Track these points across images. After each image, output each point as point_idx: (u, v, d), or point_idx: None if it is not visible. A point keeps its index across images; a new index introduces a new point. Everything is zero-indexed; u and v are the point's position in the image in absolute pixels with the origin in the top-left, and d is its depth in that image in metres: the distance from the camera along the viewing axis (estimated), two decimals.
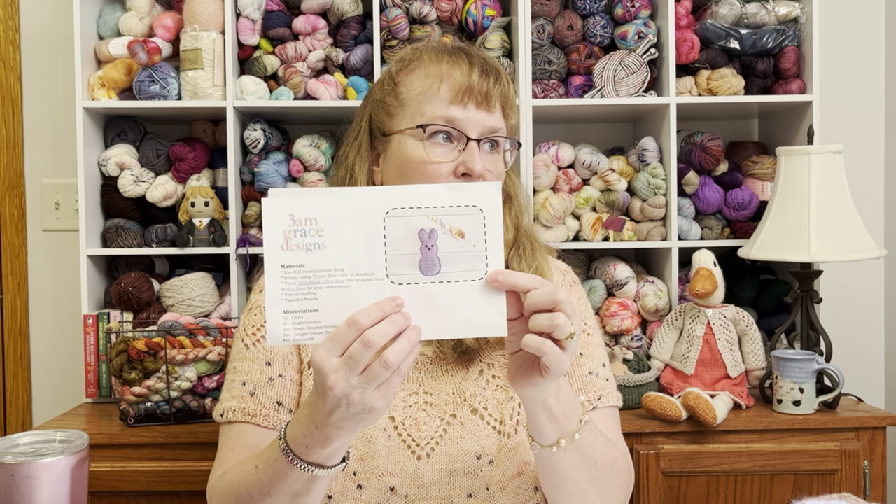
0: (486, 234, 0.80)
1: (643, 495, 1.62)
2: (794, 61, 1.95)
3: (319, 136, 1.93)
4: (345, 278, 0.78)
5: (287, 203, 0.78)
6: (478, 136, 1.05)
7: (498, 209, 0.80)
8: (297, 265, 0.78)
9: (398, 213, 0.79)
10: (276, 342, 0.78)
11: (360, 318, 0.76)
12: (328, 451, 0.82)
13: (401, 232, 0.79)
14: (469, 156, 1.04)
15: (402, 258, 0.79)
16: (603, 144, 2.07)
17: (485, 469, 1.03)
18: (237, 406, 1.06)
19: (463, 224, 0.79)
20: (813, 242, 1.70)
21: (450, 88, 1.06)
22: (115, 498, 1.62)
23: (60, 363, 2.17)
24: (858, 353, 2.22)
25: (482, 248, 0.80)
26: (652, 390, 1.73)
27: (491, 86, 1.06)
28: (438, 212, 0.79)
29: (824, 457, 1.64)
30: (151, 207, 1.94)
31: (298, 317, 0.78)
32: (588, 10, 1.95)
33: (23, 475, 0.80)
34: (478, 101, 1.05)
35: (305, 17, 1.91)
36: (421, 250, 0.79)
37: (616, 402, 1.12)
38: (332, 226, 0.78)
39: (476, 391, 1.07)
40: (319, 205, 0.78)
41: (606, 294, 1.95)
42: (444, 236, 0.79)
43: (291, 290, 0.78)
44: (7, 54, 2.15)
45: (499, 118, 1.08)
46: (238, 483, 0.93)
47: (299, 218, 0.78)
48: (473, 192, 0.80)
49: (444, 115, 1.05)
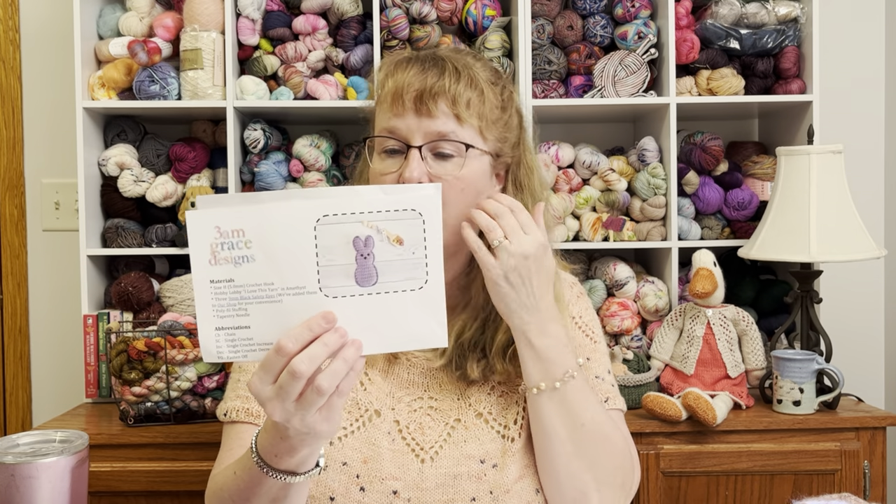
0: (425, 239, 0.75)
1: (643, 495, 1.62)
2: (794, 61, 1.95)
3: (319, 136, 1.93)
4: (275, 293, 0.74)
5: (212, 214, 0.73)
6: (422, 142, 1.01)
7: (438, 212, 0.75)
8: (227, 280, 0.74)
9: (330, 220, 0.73)
10: (210, 359, 0.76)
11: (286, 343, 0.72)
12: (296, 459, 0.82)
13: (334, 241, 0.73)
14: (405, 164, 1.01)
15: (335, 269, 0.74)
16: (603, 144, 2.07)
17: (489, 473, 1.03)
18: (240, 406, 1.06)
19: (401, 230, 0.74)
20: (813, 242, 1.70)
21: (388, 97, 1.04)
22: (115, 498, 1.62)
23: (60, 363, 2.17)
24: (858, 353, 2.21)
25: (422, 254, 0.75)
26: (652, 390, 1.73)
27: (428, 87, 1.01)
28: (374, 217, 0.74)
29: (824, 457, 1.64)
30: (151, 207, 1.94)
31: (231, 333, 0.75)
32: (588, 10, 1.95)
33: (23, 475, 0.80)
34: (415, 108, 1.01)
35: (305, 17, 1.91)
36: (356, 260, 0.74)
37: (621, 405, 1.13)
38: (261, 237, 0.73)
39: (481, 396, 1.07)
40: (246, 214, 0.73)
41: (606, 294, 1.95)
42: (380, 244, 0.74)
43: (222, 307, 0.74)
44: (7, 54, 2.15)
45: (447, 122, 1.01)
46: (221, 487, 0.94)
47: (226, 230, 0.73)
48: (411, 194, 0.75)
49: (386, 126, 1.04)
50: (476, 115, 1.03)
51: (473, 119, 1.03)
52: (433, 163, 1.02)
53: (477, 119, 1.04)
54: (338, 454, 1.02)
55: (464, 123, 1.02)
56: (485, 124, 1.05)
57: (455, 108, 1.02)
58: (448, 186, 1.00)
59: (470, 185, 1.03)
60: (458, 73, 1.03)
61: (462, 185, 1.02)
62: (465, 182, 1.03)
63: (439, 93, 1.01)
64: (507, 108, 1.09)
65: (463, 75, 1.03)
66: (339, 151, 2.00)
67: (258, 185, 1.88)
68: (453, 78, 1.02)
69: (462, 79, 1.03)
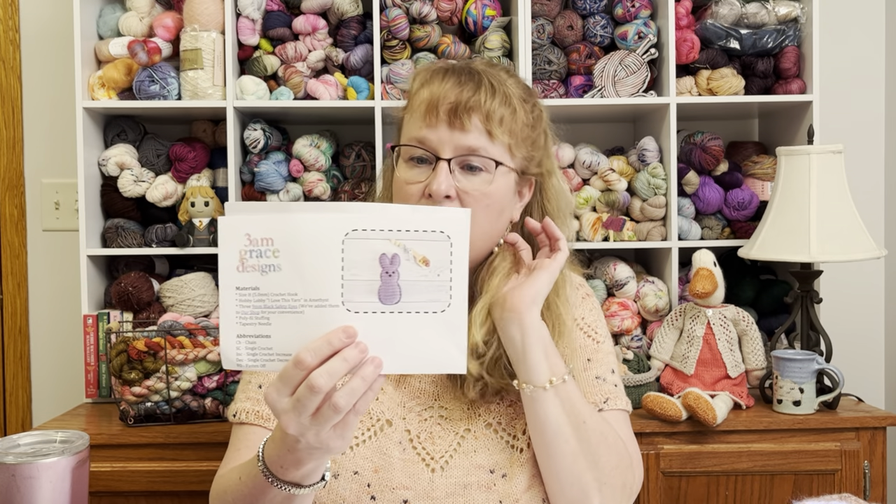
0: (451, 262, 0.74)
1: (643, 495, 1.62)
2: (794, 61, 1.95)
3: (319, 136, 1.93)
4: (298, 304, 0.73)
5: (243, 222, 0.74)
6: (451, 155, 1.01)
7: (466, 237, 0.75)
8: (252, 287, 0.74)
9: (359, 234, 0.73)
10: (230, 366, 0.75)
11: (305, 356, 0.72)
12: (302, 472, 0.82)
13: (360, 255, 0.73)
14: (433, 176, 1.01)
15: (359, 284, 0.73)
16: (603, 144, 2.07)
17: (498, 483, 1.03)
18: (250, 408, 1.06)
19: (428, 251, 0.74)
20: (813, 242, 1.70)
21: (420, 106, 1.03)
22: (115, 498, 1.62)
23: (60, 363, 2.17)
24: (858, 353, 2.21)
25: (447, 277, 0.74)
26: (652, 390, 1.73)
27: (463, 101, 1.00)
28: (403, 236, 0.73)
29: (824, 457, 1.64)
30: (151, 207, 1.94)
31: (251, 342, 0.74)
32: (588, 10, 1.95)
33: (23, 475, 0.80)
34: (448, 120, 1.01)
35: (305, 17, 1.91)
36: (381, 277, 0.73)
37: (625, 406, 1.12)
38: (289, 247, 0.73)
39: (489, 406, 1.07)
40: (276, 223, 0.73)
41: (606, 294, 1.95)
42: (406, 263, 0.73)
43: (245, 314, 0.74)
44: (7, 54, 2.15)
45: (479, 137, 1.01)
46: (225, 491, 0.94)
47: (255, 238, 0.73)
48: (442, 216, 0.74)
49: (416, 136, 1.03)
50: (507, 132, 1.03)
51: (505, 136, 1.03)
52: (461, 176, 1.02)
53: (508, 136, 1.03)
54: (349, 463, 1.02)
55: (495, 140, 1.02)
56: (514, 142, 1.05)
57: (488, 124, 1.01)
58: (473, 201, 1.01)
59: (495, 201, 1.04)
60: (493, 88, 1.03)
61: (488, 201, 1.03)
62: (491, 199, 1.03)
63: (474, 108, 1.01)
64: (536, 127, 1.09)
65: (498, 91, 1.03)
66: (339, 151, 2.00)
67: (258, 185, 1.88)
68: (489, 93, 1.02)
69: (497, 95, 1.02)
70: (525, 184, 1.10)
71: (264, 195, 1.90)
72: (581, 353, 1.12)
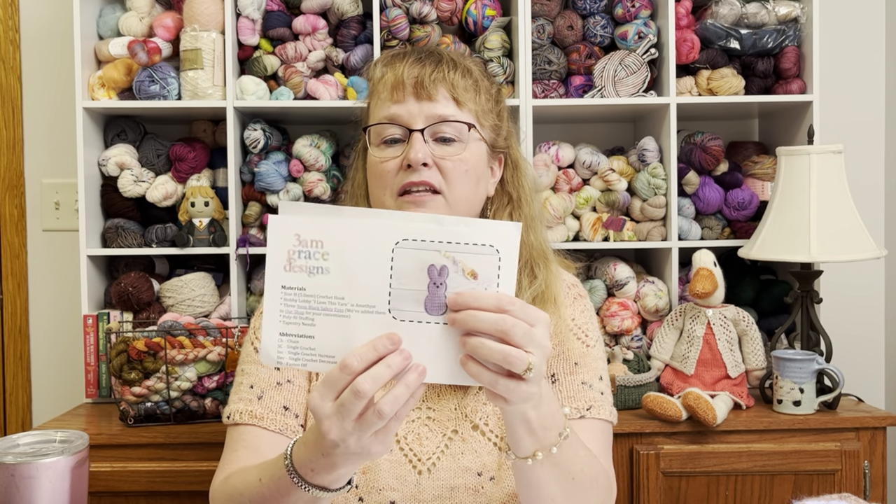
0: (499, 277, 0.74)
1: (643, 495, 1.62)
2: (794, 61, 1.95)
3: (319, 136, 1.93)
4: (344, 307, 0.74)
5: (294, 222, 0.75)
6: (423, 125, 1.04)
7: (515, 252, 0.74)
8: (299, 288, 0.75)
9: (409, 244, 0.74)
10: (270, 363, 0.76)
11: (351, 361, 0.72)
12: (334, 475, 0.81)
13: (409, 265, 0.74)
14: (408, 147, 1.03)
15: (407, 293, 0.74)
16: (603, 144, 2.07)
17: (486, 486, 1.03)
18: (244, 409, 1.06)
19: (477, 264, 0.74)
20: (813, 242, 1.70)
21: (385, 87, 1.06)
22: (115, 498, 1.62)
23: (60, 363, 2.17)
24: (858, 353, 2.21)
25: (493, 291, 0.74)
26: (652, 390, 1.73)
27: (426, 75, 1.04)
28: (453, 248, 0.73)
29: (824, 457, 1.64)
30: (151, 207, 1.94)
31: (294, 341, 0.75)
32: (588, 10, 1.95)
33: (23, 475, 0.80)
34: (415, 93, 1.04)
35: (305, 17, 1.91)
36: (428, 287, 0.74)
37: (608, 416, 1.08)
38: (338, 250, 0.74)
39: (476, 407, 1.07)
40: (327, 227, 0.74)
41: (606, 294, 1.95)
42: (455, 275, 0.74)
43: (290, 313, 0.75)
44: (7, 54, 2.15)
45: (447, 105, 1.05)
46: (241, 492, 0.93)
47: (305, 239, 0.74)
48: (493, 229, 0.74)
49: (386, 115, 1.06)
50: (473, 101, 1.07)
51: (471, 104, 1.07)
52: (435, 147, 1.04)
53: (474, 104, 1.07)
54: None
55: (462, 108, 1.06)
56: (481, 112, 1.08)
57: (454, 91, 1.05)
58: (452, 167, 1.03)
59: (472, 167, 1.06)
60: (454, 63, 1.07)
61: (466, 167, 1.05)
62: (469, 164, 1.05)
63: (438, 79, 1.04)
64: (499, 102, 1.14)
65: (458, 65, 1.07)
66: (339, 151, 2.00)
67: (258, 185, 1.88)
68: (450, 67, 1.06)
69: (458, 68, 1.07)
70: (495, 160, 1.13)
71: (264, 195, 1.90)
72: (569, 356, 1.10)
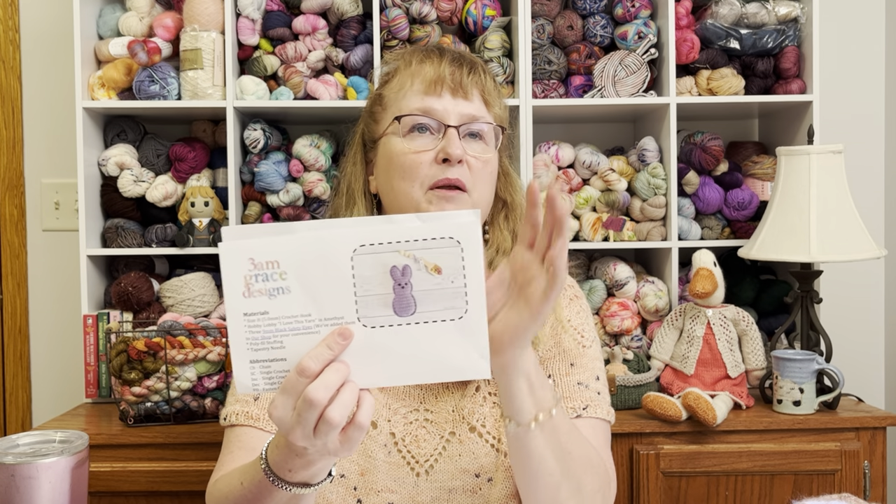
0: (464, 268, 0.72)
1: (643, 495, 1.62)
2: (794, 61, 1.95)
3: (319, 136, 1.93)
4: (312, 324, 0.73)
5: (245, 246, 0.72)
6: (457, 123, 1.06)
7: (478, 240, 0.72)
8: (261, 312, 0.72)
9: (367, 250, 0.72)
10: (246, 392, 0.74)
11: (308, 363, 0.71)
12: (311, 471, 0.81)
13: (371, 271, 0.72)
14: (447, 141, 1.04)
15: (373, 299, 0.72)
16: (603, 144, 2.07)
17: (483, 487, 1.03)
18: (240, 410, 1.06)
19: (439, 259, 0.72)
20: (813, 242, 1.70)
21: (422, 81, 1.07)
22: (115, 498, 1.62)
23: (60, 363, 2.17)
24: (858, 353, 2.21)
25: (461, 283, 0.73)
26: (652, 390, 1.73)
27: (464, 75, 1.07)
28: (411, 246, 0.72)
29: (824, 457, 1.64)
30: (151, 207, 1.94)
31: (266, 366, 0.73)
32: (588, 10, 1.95)
33: (23, 475, 0.80)
34: (452, 90, 1.07)
35: (305, 17, 1.91)
36: (394, 289, 0.72)
37: (606, 416, 1.07)
38: (296, 267, 0.72)
39: (473, 408, 1.07)
40: (280, 245, 0.72)
41: (606, 294, 1.95)
42: (418, 273, 0.72)
43: (256, 339, 0.73)
44: (7, 54, 2.15)
45: (479, 107, 1.08)
46: (226, 496, 0.93)
47: (260, 262, 0.72)
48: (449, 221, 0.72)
49: (419, 107, 1.06)
50: (498, 106, 1.13)
51: (497, 109, 1.12)
52: (464, 143, 1.06)
53: (499, 110, 1.13)
54: (336, 466, 1.02)
55: (490, 110, 1.10)
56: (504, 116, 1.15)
57: (486, 95, 1.10)
58: (480, 166, 1.07)
59: (494, 169, 1.10)
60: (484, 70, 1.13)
61: (490, 168, 1.08)
62: (492, 165, 1.09)
63: (475, 80, 1.09)
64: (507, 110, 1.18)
65: (487, 73, 1.13)
66: (339, 151, 2.00)
67: (258, 185, 1.88)
68: (483, 70, 1.12)
69: (487, 74, 1.12)
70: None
71: (264, 195, 1.90)
72: (565, 357, 1.09)
